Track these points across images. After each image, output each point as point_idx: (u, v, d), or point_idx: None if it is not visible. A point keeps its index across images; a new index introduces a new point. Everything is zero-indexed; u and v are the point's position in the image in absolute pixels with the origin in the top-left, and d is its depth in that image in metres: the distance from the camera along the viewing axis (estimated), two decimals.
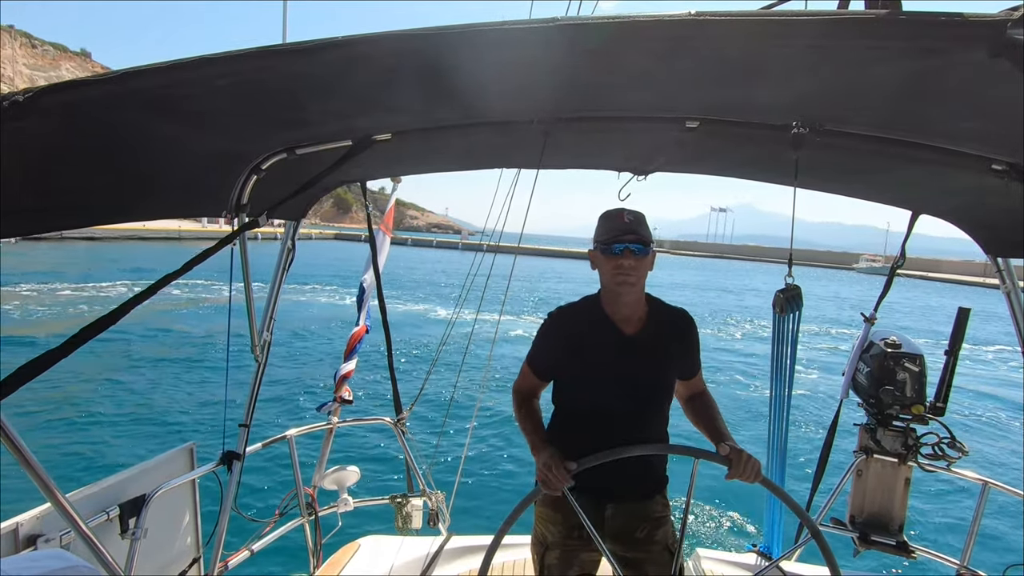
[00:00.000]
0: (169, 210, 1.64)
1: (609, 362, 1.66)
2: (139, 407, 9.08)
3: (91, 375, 10.36)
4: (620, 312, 1.68)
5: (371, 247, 3.14)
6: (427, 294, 26.26)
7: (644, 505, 1.74)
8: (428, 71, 0.88)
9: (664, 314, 1.75)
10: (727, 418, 1.74)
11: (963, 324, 2.53)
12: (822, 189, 2.13)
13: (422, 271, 38.66)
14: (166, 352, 12.70)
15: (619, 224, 1.62)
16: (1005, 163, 1.40)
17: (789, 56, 0.81)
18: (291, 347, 13.61)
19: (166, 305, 17.85)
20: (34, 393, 8.45)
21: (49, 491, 1.27)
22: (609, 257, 1.62)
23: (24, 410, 8.09)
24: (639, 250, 1.60)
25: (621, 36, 0.73)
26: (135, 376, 10.79)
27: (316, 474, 3.01)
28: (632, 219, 1.63)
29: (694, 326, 1.77)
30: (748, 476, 1.50)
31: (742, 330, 21.36)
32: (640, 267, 1.62)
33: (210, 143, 1.33)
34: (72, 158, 1.04)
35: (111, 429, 8.10)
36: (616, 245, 1.60)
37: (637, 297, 1.69)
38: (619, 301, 1.67)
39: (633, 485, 1.72)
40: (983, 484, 2.62)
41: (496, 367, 11.48)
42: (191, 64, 0.78)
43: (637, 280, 1.62)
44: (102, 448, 7.42)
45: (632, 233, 1.60)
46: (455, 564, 2.61)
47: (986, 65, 0.71)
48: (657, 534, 1.73)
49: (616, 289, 1.64)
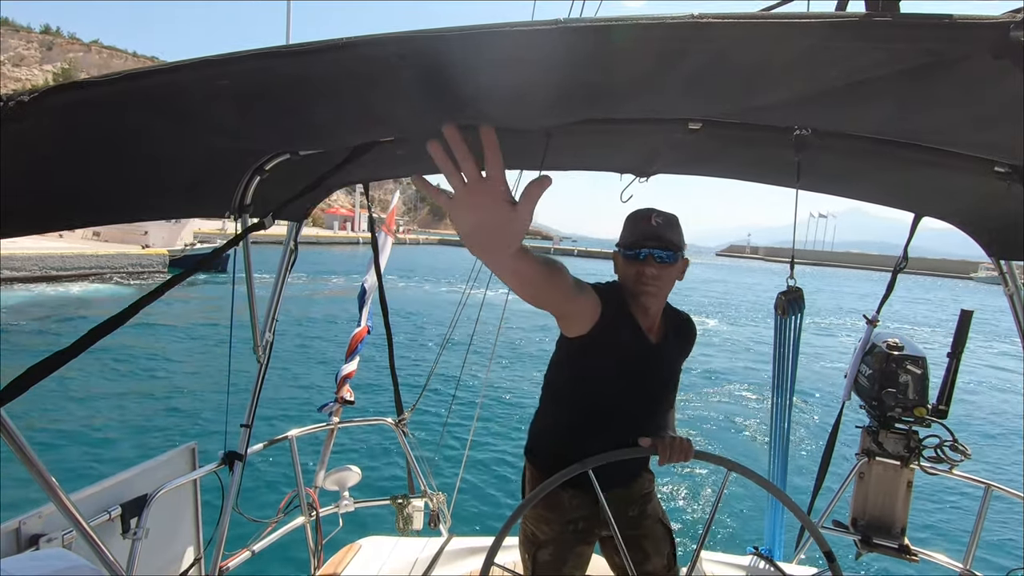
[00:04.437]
0: (171, 211, 1.64)
1: (636, 370, 1.57)
2: (140, 407, 9.10)
3: (92, 375, 10.39)
4: (643, 321, 1.57)
5: (373, 248, 3.15)
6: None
7: (634, 485, 1.75)
8: (430, 72, 0.88)
9: (676, 320, 1.69)
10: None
11: (965, 326, 2.53)
12: (824, 191, 2.13)
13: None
14: (167, 352, 12.73)
15: (645, 228, 1.48)
16: (1008, 165, 1.40)
17: (791, 58, 0.81)
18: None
19: (168, 305, 17.89)
20: (35, 393, 8.47)
21: (51, 491, 1.28)
22: (631, 263, 1.49)
23: (26, 410, 8.11)
24: (666, 257, 1.46)
25: (623, 38, 0.73)
26: (136, 376, 10.82)
27: (317, 475, 3.01)
28: (661, 222, 1.48)
29: (695, 332, 1.75)
30: (680, 455, 1.50)
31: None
32: (664, 276, 1.48)
33: (213, 144, 1.34)
34: (74, 158, 1.04)
35: (113, 429, 8.12)
36: (641, 250, 1.47)
37: (659, 308, 1.56)
38: (641, 309, 1.54)
39: (624, 471, 1.72)
40: (986, 487, 2.61)
41: (496, 367, 11.48)
42: (194, 65, 0.78)
43: (659, 291, 1.49)
44: (104, 448, 7.44)
45: (657, 238, 1.46)
46: (456, 565, 2.60)
47: (989, 67, 0.71)
48: (648, 509, 1.75)
49: (639, 298, 1.51)
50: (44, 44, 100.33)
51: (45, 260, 20.42)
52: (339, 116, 1.17)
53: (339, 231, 67.79)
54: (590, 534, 1.64)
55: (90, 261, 22.33)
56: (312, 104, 1.08)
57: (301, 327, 15.65)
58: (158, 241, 27.31)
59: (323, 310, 18.72)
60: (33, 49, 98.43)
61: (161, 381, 10.59)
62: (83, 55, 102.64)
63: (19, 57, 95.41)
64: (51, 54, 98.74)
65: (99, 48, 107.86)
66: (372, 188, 2.47)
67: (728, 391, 11.99)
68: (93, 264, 22.38)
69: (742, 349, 17.30)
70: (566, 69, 0.89)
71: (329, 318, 17.16)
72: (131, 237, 27.63)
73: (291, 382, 10.51)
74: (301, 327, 15.65)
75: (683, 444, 1.51)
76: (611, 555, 1.75)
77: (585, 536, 1.65)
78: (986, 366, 16.71)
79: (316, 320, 16.88)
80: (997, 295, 2.59)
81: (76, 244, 24.21)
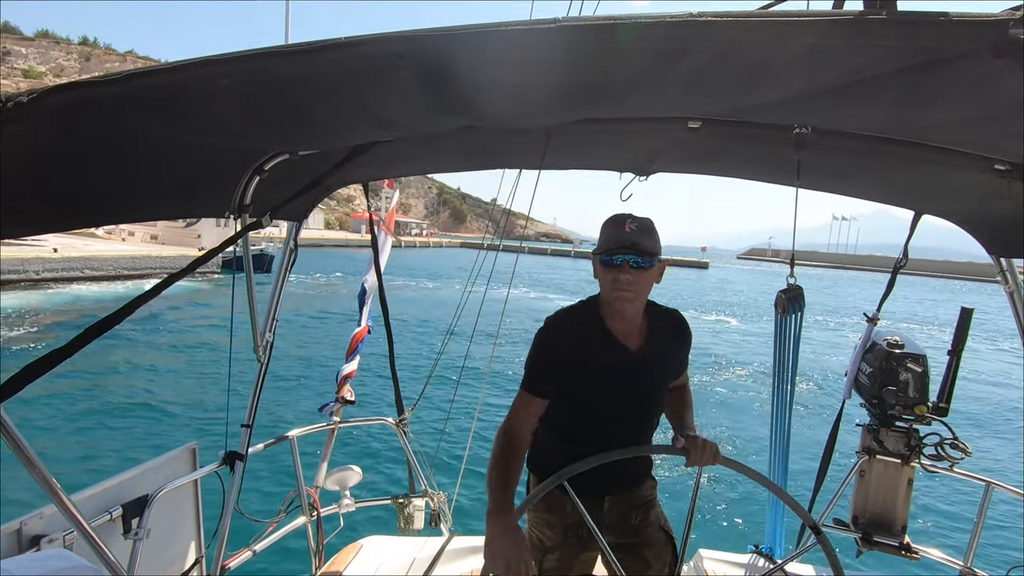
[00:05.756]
0: (171, 211, 1.64)
1: (618, 383, 1.58)
2: (141, 407, 9.11)
3: (93, 375, 10.40)
4: (620, 325, 1.58)
5: (373, 248, 3.15)
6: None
7: (636, 492, 1.75)
8: (429, 72, 0.88)
9: (660, 319, 1.67)
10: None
11: (966, 324, 2.52)
12: (824, 189, 2.13)
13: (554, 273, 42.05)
14: (167, 351, 12.73)
15: (620, 234, 1.49)
16: (1008, 163, 1.40)
17: (790, 56, 0.81)
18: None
19: (169, 304, 17.92)
20: (36, 392, 8.48)
21: (52, 491, 1.28)
22: (608, 268, 1.51)
23: (27, 410, 8.12)
24: (641, 262, 1.48)
25: (622, 37, 0.73)
26: (137, 376, 10.83)
27: (318, 474, 3.01)
28: (635, 228, 1.49)
29: (689, 328, 1.73)
30: (707, 460, 1.52)
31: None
32: (640, 281, 1.49)
33: (213, 144, 1.34)
34: (75, 158, 1.04)
35: (114, 429, 8.12)
36: (616, 256, 1.49)
37: (637, 311, 1.58)
38: (618, 315, 1.56)
39: (627, 477, 1.73)
40: (986, 485, 2.61)
41: (497, 365, 11.47)
42: (193, 65, 0.78)
43: (636, 296, 1.51)
44: (105, 448, 7.44)
45: (632, 245, 1.47)
46: (457, 565, 2.61)
47: (988, 65, 0.71)
48: (650, 516, 1.76)
49: (613, 304, 1.54)
50: (82, 55, 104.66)
51: (119, 262, 24.37)
52: (338, 116, 1.17)
53: (366, 234, 68.21)
54: (593, 540, 1.64)
55: (155, 262, 25.98)
56: (311, 104, 1.07)
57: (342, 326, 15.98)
58: (209, 244, 29.23)
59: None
60: (73, 60, 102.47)
61: (163, 381, 10.60)
62: (119, 64, 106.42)
63: (60, 68, 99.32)
64: (89, 64, 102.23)
65: (134, 58, 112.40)
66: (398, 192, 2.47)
67: (737, 382, 12.02)
68: (158, 265, 25.96)
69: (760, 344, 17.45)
70: (565, 68, 0.89)
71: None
72: (187, 240, 31.41)
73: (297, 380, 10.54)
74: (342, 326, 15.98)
75: (710, 448, 1.53)
76: (608, 564, 1.75)
77: (588, 543, 1.65)
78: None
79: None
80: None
81: (141, 247, 28.97)
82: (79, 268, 22.36)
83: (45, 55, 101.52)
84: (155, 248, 28.85)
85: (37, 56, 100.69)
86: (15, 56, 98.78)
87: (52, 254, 21.80)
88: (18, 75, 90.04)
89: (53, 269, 21.41)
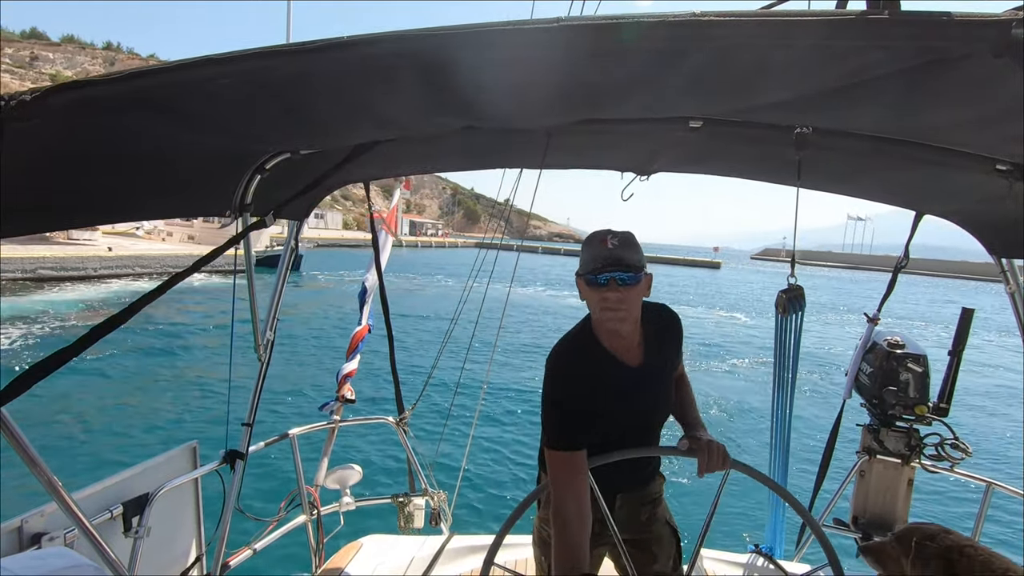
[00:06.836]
0: (173, 210, 1.65)
1: (626, 401, 1.55)
2: (142, 406, 9.12)
3: (94, 375, 10.41)
4: (618, 343, 1.53)
5: (374, 247, 3.15)
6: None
7: (646, 489, 1.76)
8: (430, 72, 0.88)
9: (653, 322, 1.63)
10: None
11: (967, 324, 2.52)
12: (825, 189, 2.13)
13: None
14: (167, 352, 12.75)
15: (602, 250, 1.44)
16: (1009, 164, 1.40)
17: (792, 56, 0.81)
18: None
19: (169, 304, 17.95)
20: (37, 392, 8.49)
21: (53, 489, 1.28)
22: (594, 289, 1.45)
23: (28, 409, 8.13)
24: (628, 279, 1.43)
25: (625, 37, 0.73)
26: (138, 375, 10.84)
27: (318, 473, 3.02)
28: (618, 243, 1.44)
29: (679, 321, 1.69)
30: (716, 464, 1.54)
31: None
32: (629, 298, 1.44)
33: (214, 143, 1.34)
34: (76, 157, 1.04)
35: (114, 428, 8.13)
36: (601, 275, 1.43)
37: (632, 327, 1.52)
38: (614, 334, 1.51)
39: (640, 476, 1.73)
40: (987, 485, 2.61)
41: (497, 364, 11.48)
42: (195, 64, 0.78)
43: (627, 313, 1.45)
44: (105, 447, 7.45)
45: (617, 261, 1.42)
46: (457, 564, 2.61)
47: (990, 65, 0.71)
48: (658, 512, 1.78)
49: (605, 324, 1.49)
50: (107, 60, 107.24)
51: (164, 260, 26.00)
52: (339, 115, 1.17)
53: (387, 235, 70.78)
54: (603, 536, 1.64)
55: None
56: (312, 103, 1.07)
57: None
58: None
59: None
60: (98, 65, 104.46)
61: (163, 380, 10.61)
62: None
63: (86, 72, 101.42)
64: (114, 69, 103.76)
65: (157, 61, 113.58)
66: (412, 193, 2.47)
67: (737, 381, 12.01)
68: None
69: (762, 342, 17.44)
70: (567, 68, 0.89)
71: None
72: (221, 240, 32.70)
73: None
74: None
75: (721, 451, 1.54)
76: (617, 558, 1.75)
77: (598, 539, 1.65)
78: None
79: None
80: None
81: (181, 247, 30.70)
82: (131, 266, 24.39)
83: (71, 60, 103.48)
84: (194, 248, 30.06)
85: (63, 61, 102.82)
86: (43, 61, 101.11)
87: (107, 252, 23.79)
88: (46, 80, 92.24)
89: (109, 266, 23.43)
